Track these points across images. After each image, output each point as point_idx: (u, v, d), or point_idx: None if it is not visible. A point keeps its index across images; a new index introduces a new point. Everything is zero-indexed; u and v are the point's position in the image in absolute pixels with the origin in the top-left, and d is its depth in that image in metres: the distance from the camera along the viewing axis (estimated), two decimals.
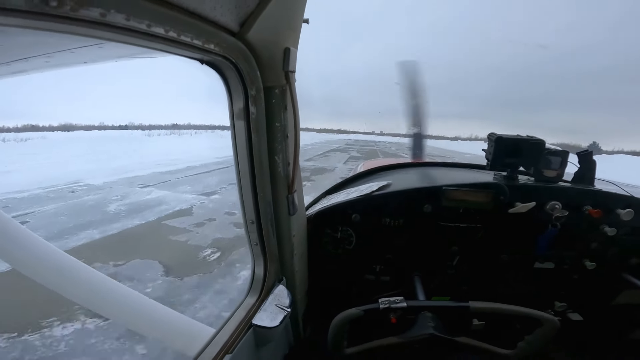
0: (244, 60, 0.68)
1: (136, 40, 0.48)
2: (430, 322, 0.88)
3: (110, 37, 0.45)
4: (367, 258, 1.29)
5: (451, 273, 1.29)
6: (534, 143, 1.13)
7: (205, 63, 0.66)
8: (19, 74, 1.07)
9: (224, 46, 0.62)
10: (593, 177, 1.24)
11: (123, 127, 30.06)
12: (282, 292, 0.97)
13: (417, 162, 1.84)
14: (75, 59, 0.83)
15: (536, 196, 1.14)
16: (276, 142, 0.83)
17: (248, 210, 0.86)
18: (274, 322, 0.86)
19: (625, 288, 1.25)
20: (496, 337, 0.97)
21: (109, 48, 0.72)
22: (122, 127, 30.33)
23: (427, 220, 1.22)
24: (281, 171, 0.86)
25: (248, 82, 0.71)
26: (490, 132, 1.20)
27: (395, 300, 0.89)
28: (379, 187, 1.26)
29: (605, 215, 1.15)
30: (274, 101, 0.79)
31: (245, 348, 0.81)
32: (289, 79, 0.79)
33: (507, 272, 1.27)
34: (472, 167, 1.67)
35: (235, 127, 0.76)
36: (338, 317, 0.88)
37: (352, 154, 19.28)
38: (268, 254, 0.94)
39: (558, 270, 1.24)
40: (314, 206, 1.39)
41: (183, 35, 0.52)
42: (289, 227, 0.96)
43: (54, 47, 0.70)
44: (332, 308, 1.04)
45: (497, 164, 1.19)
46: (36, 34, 0.57)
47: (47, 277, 1.16)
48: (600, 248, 1.21)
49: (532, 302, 1.13)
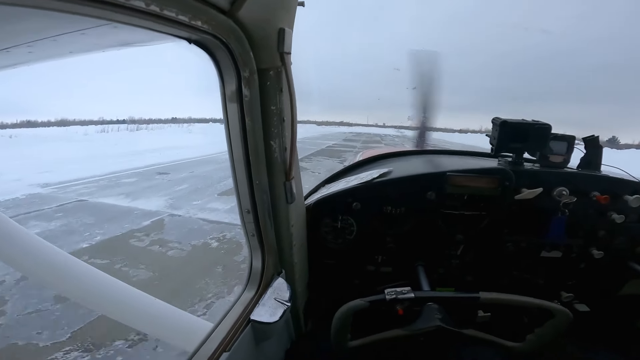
0: (236, 40, 0.64)
1: (114, 15, 0.45)
2: (437, 314, 0.85)
3: (83, 11, 0.41)
4: (369, 248, 1.26)
5: (455, 263, 1.26)
6: (539, 127, 1.10)
7: (194, 42, 0.62)
8: (4, 68, 1.04)
9: (214, 24, 0.58)
10: (600, 163, 1.21)
11: (121, 121, 28.94)
12: (281, 285, 0.94)
13: (419, 149, 1.81)
14: (59, 48, 0.80)
15: (543, 182, 1.11)
16: (272, 127, 0.79)
17: (243, 198, 0.82)
18: (274, 317, 0.83)
19: (632, 277, 1.23)
20: (503, 330, 0.95)
21: (94, 35, 0.69)
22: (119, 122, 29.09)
23: (430, 208, 1.19)
24: (278, 157, 0.83)
25: (240, 63, 0.67)
26: (495, 117, 1.16)
27: (402, 291, 0.86)
28: (379, 175, 1.23)
29: (613, 201, 1.11)
30: (268, 84, 0.75)
31: (244, 345, 0.78)
32: (284, 60, 0.75)
33: (513, 262, 1.24)
34: (476, 154, 1.63)
35: (228, 110, 0.72)
36: (342, 309, 0.85)
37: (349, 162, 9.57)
38: (266, 245, 0.90)
39: (565, 259, 1.21)
40: (313, 195, 1.35)
41: (167, 10, 0.48)
42: (287, 217, 0.92)
43: (35, 35, 0.67)
44: (333, 301, 1.02)
45: (502, 149, 1.15)
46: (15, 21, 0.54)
47: (43, 274, 1.14)
48: (607, 236, 1.18)
49: (539, 293, 1.10)
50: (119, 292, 1.10)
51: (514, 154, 1.18)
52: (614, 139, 41.87)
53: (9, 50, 0.77)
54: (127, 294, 1.10)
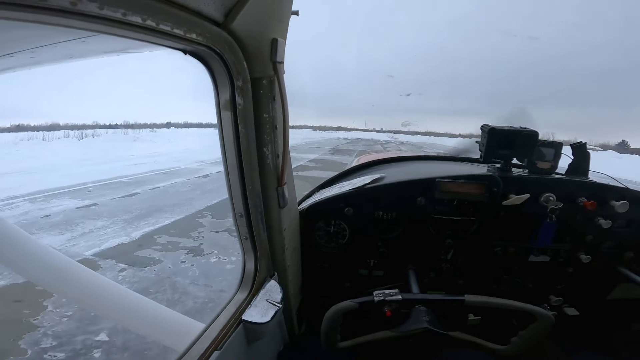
0: (230, 51, 0.67)
1: (112, 29, 0.47)
2: (425, 316, 0.87)
3: (84, 26, 0.44)
4: (361, 252, 1.28)
5: (445, 267, 1.28)
6: (527, 134, 1.12)
7: (189, 53, 0.65)
8: (5, 71, 1.07)
9: (208, 36, 0.61)
10: (587, 169, 1.23)
11: (113, 126, 27.13)
12: (273, 287, 0.96)
13: (411, 155, 1.83)
14: (60, 53, 0.83)
15: (530, 188, 1.13)
16: (265, 134, 0.82)
17: (237, 202, 0.85)
18: (265, 318, 0.85)
19: (621, 282, 1.25)
20: (492, 333, 0.97)
21: (94, 42, 0.72)
22: (111, 127, 26.78)
23: (420, 213, 1.21)
24: (270, 163, 0.85)
25: (234, 73, 0.70)
26: (484, 124, 1.19)
27: (390, 292, 0.88)
28: (372, 180, 1.25)
29: (600, 207, 1.14)
30: (261, 92, 0.78)
31: (235, 344, 0.80)
32: (276, 69, 0.78)
33: (502, 266, 1.26)
34: (466, 160, 1.66)
35: (222, 118, 0.75)
36: (332, 309, 0.87)
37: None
38: (258, 248, 0.92)
39: (553, 264, 1.23)
40: (307, 200, 1.38)
41: (162, 24, 0.51)
42: (280, 221, 0.95)
43: (38, 42, 0.69)
44: (326, 303, 1.04)
45: (490, 155, 1.18)
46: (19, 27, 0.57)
47: (38, 275, 1.16)
48: (595, 241, 1.20)
49: (528, 297, 1.11)
50: (113, 293, 1.11)
51: (502, 160, 1.21)
52: (624, 143, 40.26)
53: (13, 55, 0.80)
54: (121, 295, 1.11)
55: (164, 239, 4.19)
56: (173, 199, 6.16)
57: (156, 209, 5.44)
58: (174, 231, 4.46)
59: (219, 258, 3.74)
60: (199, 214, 5.31)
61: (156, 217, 5.03)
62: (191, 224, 4.77)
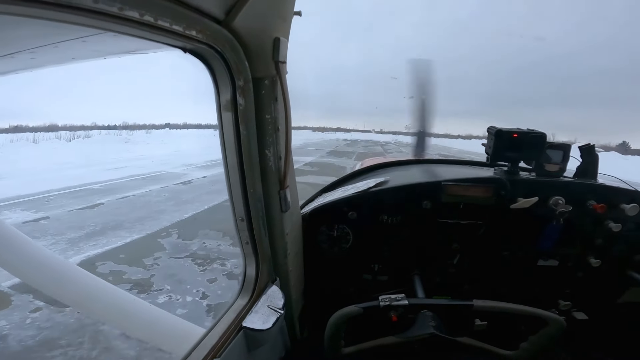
0: (231, 50, 0.65)
1: (110, 25, 0.46)
2: (431, 322, 0.85)
3: (80, 21, 0.43)
4: (365, 257, 1.26)
5: (452, 272, 1.25)
6: (534, 136, 1.10)
7: (189, 51, 0.63)
8: (6, 73, 1.06)
9: (208, 34, 0.59)
10: (596, 172, 1.21)
11: (112, 127, 26.37)
12: (275, 293, 0.94)
13: (416, 159, 1.82)
14: (60, 54, 0.82)
15: (538, 191, 1.11)
16: (267, 135, 0.80)
17: (237, 207, 0.82)
18: (266, 325, 0.83)
19: (631, 286, 1.22)
20: (500, 338, 0.94)
21: (93, 43, 0.71)
22: (110, 128, 25.51)
23: (426, 217, 1.19)
24: (272, 165, 0.83)
25: (235, 72, 0.68)
26: (490, 126, 1.17)
27: (396, 297, 0.86)
28: (376, 184, 1.23)
29: (610, 210, 1.11)
30: (263, 92, 0.76)
31: (235, 351, 0.78)
32: (279, 69, 0.76)
33: (510, 270, 1.23)
34: (472, 163, 1.64)
35: (223, 119, 0.73)
36: (336, 314, 0.84)
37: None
38: (260, 253, 0.90)
39: (562, 267, 1.21)
40: (310, 204, 1.36)
41: (161, 20, 0.50)
42: (282, 225, 0.92)
43: (37, 41, 0.68)
44: (329, 309, 1.01)
45: (497, 158, 1.16)
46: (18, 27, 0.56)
47: (39, 279, 1.14)
48: (605, 244, 1.17)
49: (536, 301, 1.09)
50: (113, 297, 1.10)
51: (509, 163, 1.19)
52: (625, 144, 39.80)
53: (13, 56, 0.79)
54: (121, 299, 1.10)
55: (107, 267, 3.37)
56: (139, 212, 5.32)
57: (114, 225, 4.64)
58: (124, 256, 3.62)
59: (169, 297, 2.78)
60: (164, 231, 4.44)
61: (110, 236, 4.17)
62: (150, 246, 3.91)
